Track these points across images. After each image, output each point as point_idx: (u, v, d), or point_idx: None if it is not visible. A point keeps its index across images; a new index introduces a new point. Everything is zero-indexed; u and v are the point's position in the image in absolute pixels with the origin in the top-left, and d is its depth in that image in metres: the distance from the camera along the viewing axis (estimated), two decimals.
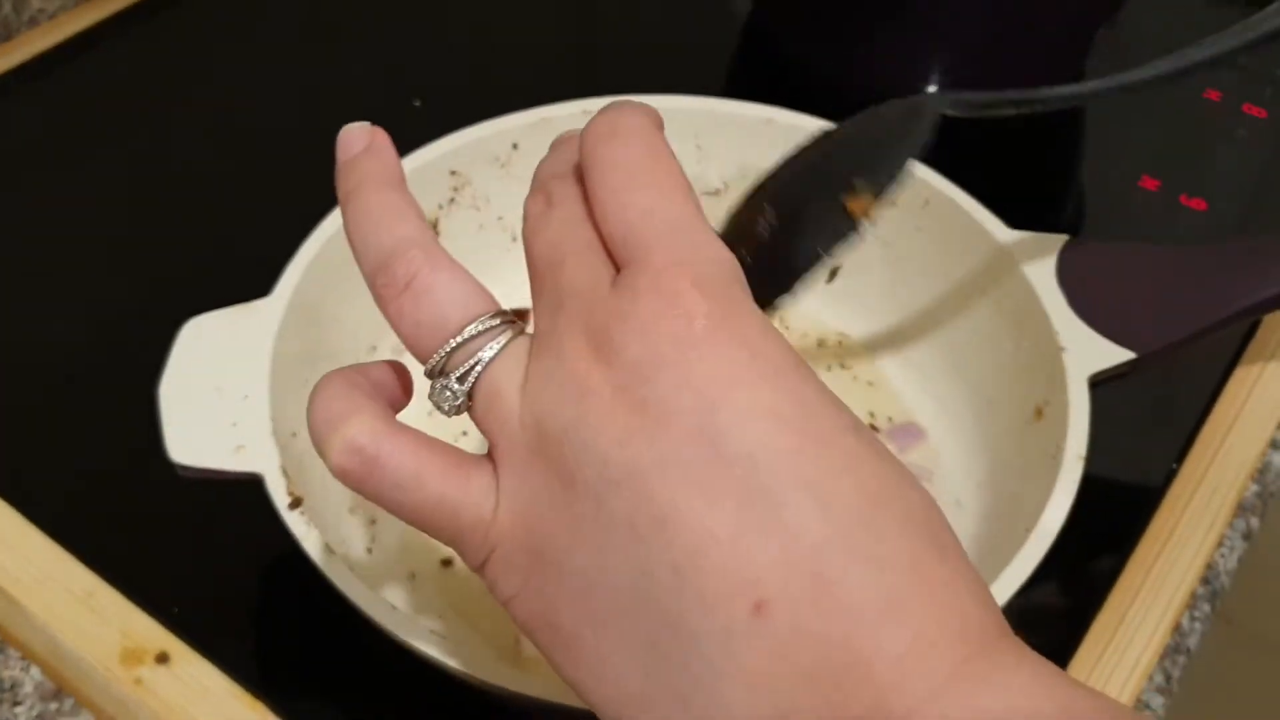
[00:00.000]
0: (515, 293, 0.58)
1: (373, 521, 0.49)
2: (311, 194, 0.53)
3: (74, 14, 0.75)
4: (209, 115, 0.71)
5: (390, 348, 0.54)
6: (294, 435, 0.45)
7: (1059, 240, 0.51)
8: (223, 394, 0.44)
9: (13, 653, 0.48)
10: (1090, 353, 0.47)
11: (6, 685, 0.47)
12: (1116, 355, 0.47)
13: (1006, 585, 0.40)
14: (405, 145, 0.54)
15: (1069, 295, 0.49)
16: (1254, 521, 0.56)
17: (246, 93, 0.72)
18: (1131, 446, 0.55)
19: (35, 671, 0.48)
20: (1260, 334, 0.60)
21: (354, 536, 0.47)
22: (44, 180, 0.67)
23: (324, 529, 0.42)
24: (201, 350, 0.46)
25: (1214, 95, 0.71)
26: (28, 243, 0.63)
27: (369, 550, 0.48)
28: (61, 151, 0.68)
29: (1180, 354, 0.49)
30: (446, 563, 0.49)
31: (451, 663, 0.38)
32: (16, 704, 0.47)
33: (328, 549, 0.40)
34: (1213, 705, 1.20)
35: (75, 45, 0.74)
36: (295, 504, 0.41)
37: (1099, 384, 0.47)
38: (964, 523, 0.50)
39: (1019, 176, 0.68)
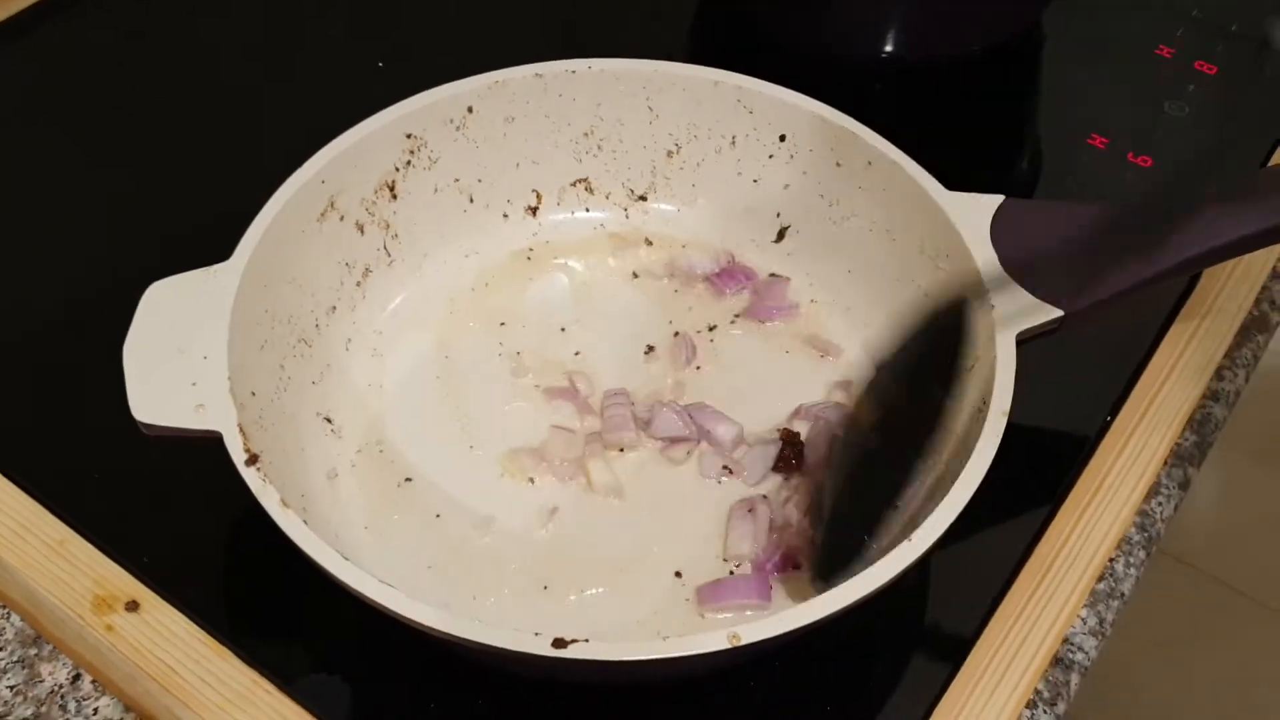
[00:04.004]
0: (472, 254, 0.60)
1: (334, 475, 0.51)
2: (271, 157, 0.54)
3: None
4: (171, 79, 0.72)
5: (349, 308, 0.56)
6: (253, 394, 0.47)
7: (995, 200, 0.52)
8: (184, 355, 0.46)
9: None
10: (1018, 310, 0.49)
11: None
12: (1045, 313, 0.49)
13: (927, 534, 0.42)
14: (367, 106, 0.55)
15: (1002, 254, 0.51)
16: (1191, 471, 0.58)
17: (210, 56, 0.73)
18: (1066, 399, 0.57)
19: (15, 618, 0.50)
20: (1198, 290, 0.61)
21: (315, 491, 0.49)
22: (3, 146, 0.68)
23: (283, 484, 0.44)
24: (164, 313, 0.47)
25: (1165, 52, 0.72)
26: (3, 210, 0.65)
27: (329, 503, 0.50)
28: (18, 119, 0.70)
29: (1109, 312, 0.50)
30: (402, 516, 0.51)
31: (401, 611, 0.40)
32: None
33: (283, 504, 0.42)
34: (1160, 643, 1.23)
35: (46, 9, 0.74)
36: (252, 460, 0.43)
37: (1027, 341, 0.49)
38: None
39: (969, 134, 0.69)
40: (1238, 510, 1.35)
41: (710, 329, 0.58)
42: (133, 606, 0.49)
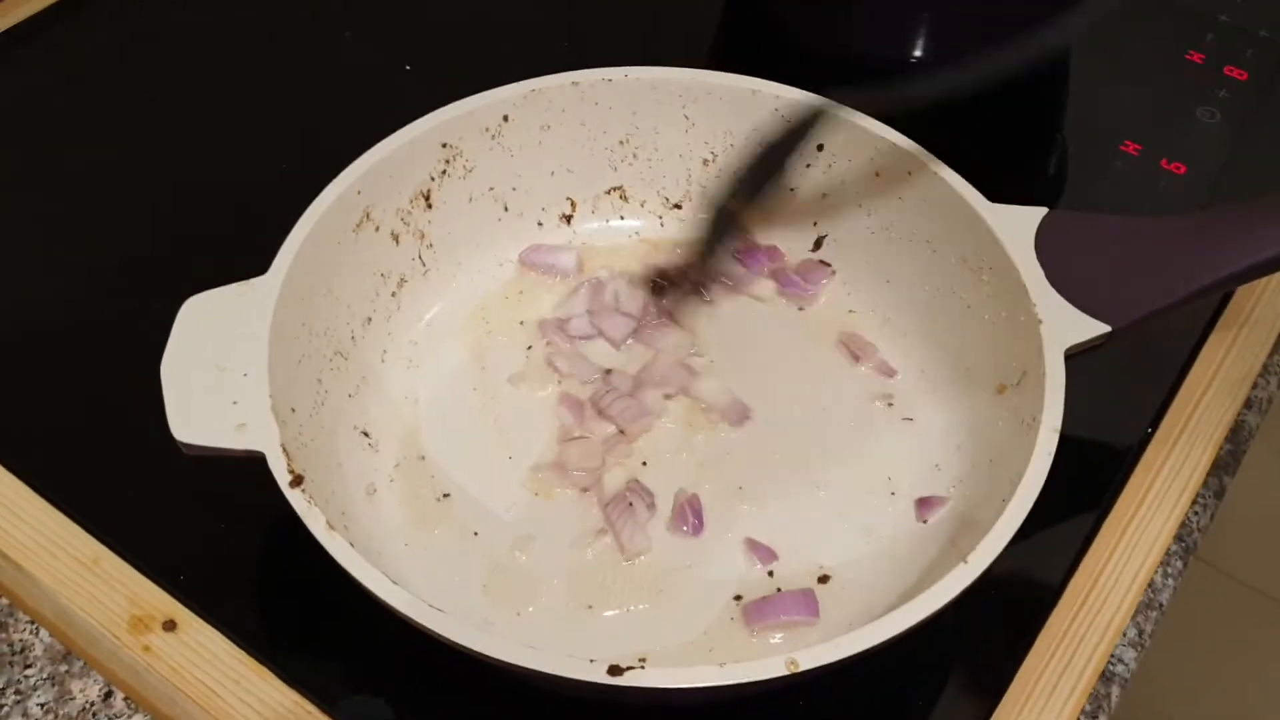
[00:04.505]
0: (506, 262, 0.59)
1: (373, 490, 0.51)
2: (304, 170, 0.54)
3: None
4: (200, 88, 0.71)
5: (384, 319, 0.55)
6: (293, 410, 0.47)
7: (1038, 213, 0.52)
8: (223, 372, 0.45)
9: (22, 617, 0.50)
10: (1066, 325, 0.48)
11: (18, 648, 0.49)
12: (1092, 328, 0.49)
13: (983, 556, 0.42)
14: (397, 111, 0.55)
15: (1047, 268, 0.50)
16: (1227, 480, 0.58)
17: (238, 64, 0.73)
18: (1108, 411, 0.56)
19: (44, 634, 0.49)
20: (1234, 302, 0.61)
21: (355, 508, 0.49)
22: (36, 156, 0.67)
23: (325, 502, 0.43)
24: (201, 328, 0.47)
25: (1196, 57, 0.72)
26: (33, 220, 0.64)
27: (370, 519, 0.49)
28: (53, 127, 0.69)
29: (1154, 325, 0.50)
30: (442, 532, 0.50)
31: (451, 637, 0.40)
32: (28, 666, 0.49)
33: (329, 527, 0.41)
34: (1192, 651, 1.23)
35: (68, 9, 0.73)
36: (297, 481, 0.43)
37: (1074, 356, 0.48)
38: (943, 486, 0.52)
39: (1002, 142, 0.68)
40: (1266, 513, 1.35)
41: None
42: (170, 626, 0.48)
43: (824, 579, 0.49)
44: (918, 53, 0.70)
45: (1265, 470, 1.36)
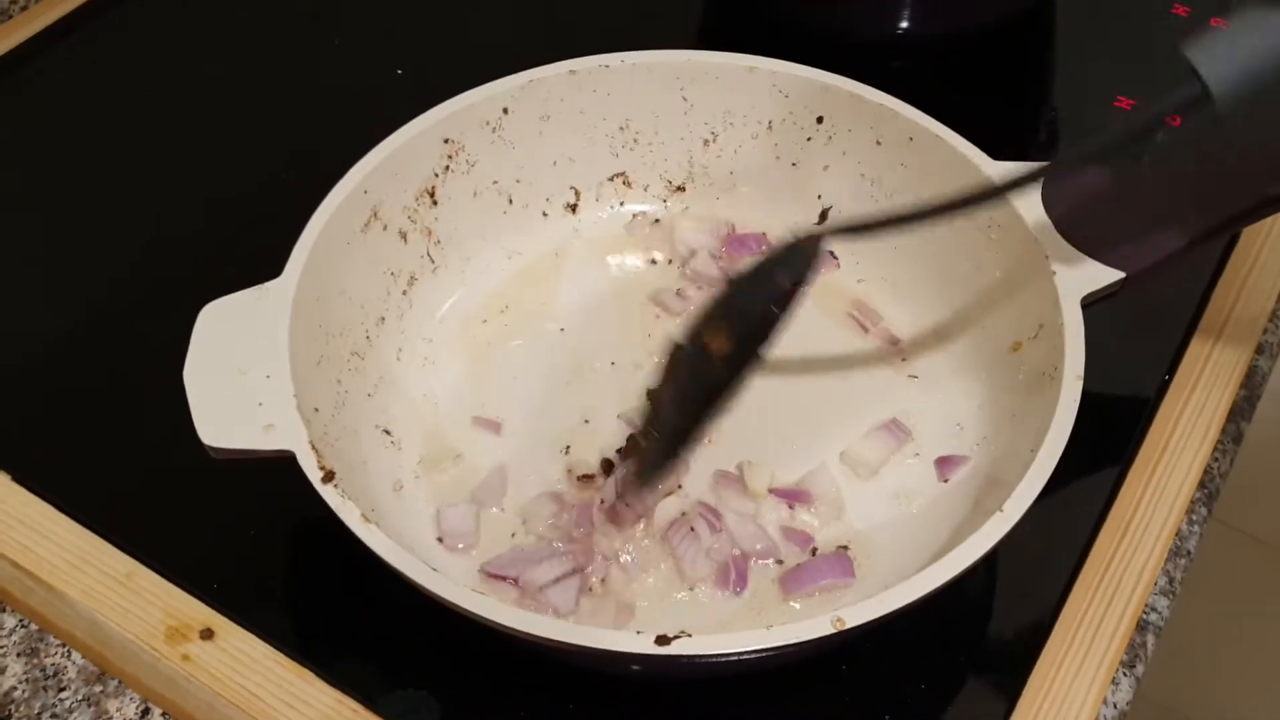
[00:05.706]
0: (514, 254, 0.59)
1: (399, 487, 0.51)
2: (308, 173, 0.54)
3: None
4: (192, 104, 0.71)
5: (397, 317, 0.55)
6: (316, 411, 0.47)
7: (1042, 167, 0.52)
8: (245, 375, 0.45)
9: (53, 641, 0.50)
10: (1081, 275, 0.49)
11: (50, 672, 0.49)
12: (1107, 276, 0.49)
13: (1017, 506, 0.42)
14: (393, 115, 0.55)
15: (1056, 220, 0.50)
16: (1244, 425, 0.58)
17: (233, 75, 0.72)
18: (1123, 363, 0.56)
19: (77, 657, 0.49)
20: (1241, 245, 0.61)
21: (384, 504, 0.49)
22: (39, 173, 0.67)
23: (355, 499, 0.43)
24: (220, 333, 0.47)
25: (1182, 11, 0.72)
26: (39, 240, 0.64)
27: (399, 515, 0.49)
28: (52, 141, 0.69)
29: (1167, 271, 0.50)
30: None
31: (494, 618, 0.40)
32: (62, 689, 0.48)
33: (364, 519, 0.41)
34: (1207, 601, 1.23)
35: (70, 25, 0.73)
36: (329, 477, 0.42)
37: (1091, 304, 0.49)
38: (967, 446, 0.52)
39: (994, 101, 0.69)
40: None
41: None
42: (207, 634, 0.48)
43: (848, 545, 0.49)
44: (903, 25, 0.70)
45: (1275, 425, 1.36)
